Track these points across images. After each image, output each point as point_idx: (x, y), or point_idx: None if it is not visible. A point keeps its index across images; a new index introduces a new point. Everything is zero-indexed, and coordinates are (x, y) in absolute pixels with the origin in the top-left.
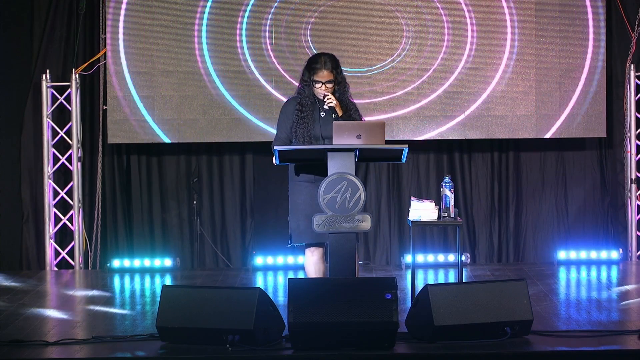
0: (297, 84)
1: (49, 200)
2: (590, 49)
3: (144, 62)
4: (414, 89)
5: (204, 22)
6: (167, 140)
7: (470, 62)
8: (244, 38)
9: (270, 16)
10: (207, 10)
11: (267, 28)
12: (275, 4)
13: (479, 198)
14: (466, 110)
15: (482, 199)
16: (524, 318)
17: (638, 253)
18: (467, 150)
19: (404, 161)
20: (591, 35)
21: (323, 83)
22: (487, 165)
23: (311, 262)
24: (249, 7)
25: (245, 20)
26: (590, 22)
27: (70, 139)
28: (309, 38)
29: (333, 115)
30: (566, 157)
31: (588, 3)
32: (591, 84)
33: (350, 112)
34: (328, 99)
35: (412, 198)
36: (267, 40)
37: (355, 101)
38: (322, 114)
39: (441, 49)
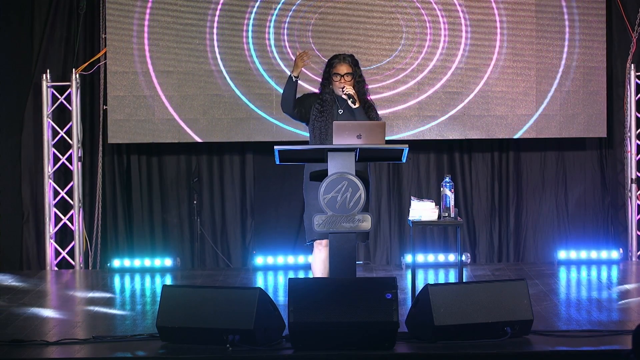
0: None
1: (49, 200)
2: (590, 49)
3: (144, 62)
4: (415, 89)
5: (206, 22)
6: (167, 140)
7: (470, 63)
8: (250, 39)
9: (269, 17)
10: (205, 10)
11: (267, 29)
12: (278, 5)
13: (479, 198)
14: (467, 110)
15: (482, 199)
16: (524, 318)
17: (638, 253)
18: (467, 150)
19: (404, 161)
20: (591, 36)
21: (342, 76)
22: (487, 165)
23: (319, 260)
24: (254, 9)
25: (249, 21)
26: (590, 22)
27: (71, 139)
28: (310, 39)
29: (350, 101)
30: (566, 157)
31: (588, 3)
32: (591, 84)
33: (367, 109)
34: (345, 88)
35: (412, 198)
36: (269, 42)
37: None
38: (340, 111)
39: (441, 49)
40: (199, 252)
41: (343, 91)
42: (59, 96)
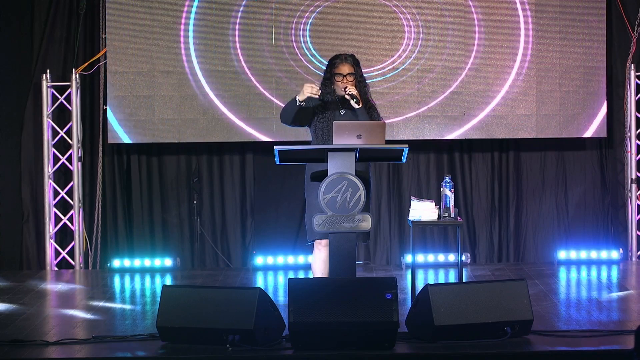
0: (297, 87)
1: (49, 200)
2: (590, 49)
3: (144, 62)
4: (415, 90)
5: (205, 22)
6: (167, 140)
7: (471, 63)
8: (238, 39)
9: (268, 17)
10: (205, 10)
11: (266, 29)
12: (274, 4)
13: (479, 198)
14: (467, 110)
15: (482, 199)
16: (524, 318)
17: (638, 253)
18: (467, 150)
19: (404, 161)
20: (591, 36)
21: (344, 76)
22: (487, 165)
23: (319, 259)
24: (247, 8)
25: (243, 21)
26: (590, 22)
27: (71, 139)
28: (308, 39)
29: (354, 101)
30: (566, 157)
31: (588, 3)
32: (591, 84)
33: (369, 110)
34: (348, 88)
35: (412, 198)
36: (266, 41)
37: None
38: (342, 112)
39: (442, 50)
40: (199, 252)
41: (346, 91)
42: (59, 96)
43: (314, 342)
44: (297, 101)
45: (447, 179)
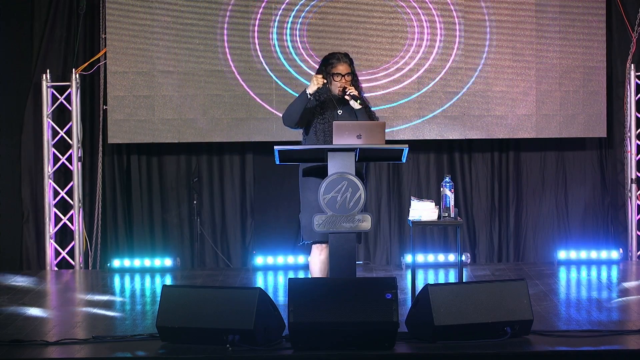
0: (296, 88)
1: (49, 200)
2: (590, 49)
3: (144, 62)
4: (415, 90)
5: (207, 22)
6: (167, 140)
7: (471, 63)
8: (238, 39)
9: (267, 16)
10: (205, 10)
11: (265, 29)
12: (273, 5)
13: (479, 198)
14: (467, 110)
15: (482, 199)
16: (524, 318)
17: (638, 253)
18: (467, 150)
19: (404, 161)
20: (591, 36)
21: (342, 76)
22: (487, 165)
23: (317, 261)
24: (247, 8)
25: (243, 20)
26: (590, 22)
27: (71, 139)
28: (306, 39)
29: (358, 102)
30: (566, 157)
31: (588, 3)
32: (591, 84)
33: (367, 109)
34: (348, 89)
35: (412, 198)
36: (265, 41)
37: None
38: (340, 112)
39: (442, 50)
40: (199, 252)
41: (346, 92)
42: (59, 96)
43: (314, 342)
44: (308, 94)
45: (447, 179)
